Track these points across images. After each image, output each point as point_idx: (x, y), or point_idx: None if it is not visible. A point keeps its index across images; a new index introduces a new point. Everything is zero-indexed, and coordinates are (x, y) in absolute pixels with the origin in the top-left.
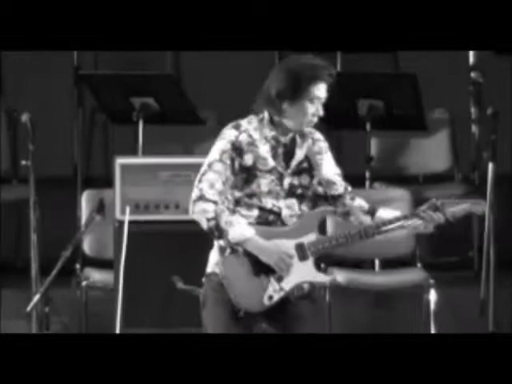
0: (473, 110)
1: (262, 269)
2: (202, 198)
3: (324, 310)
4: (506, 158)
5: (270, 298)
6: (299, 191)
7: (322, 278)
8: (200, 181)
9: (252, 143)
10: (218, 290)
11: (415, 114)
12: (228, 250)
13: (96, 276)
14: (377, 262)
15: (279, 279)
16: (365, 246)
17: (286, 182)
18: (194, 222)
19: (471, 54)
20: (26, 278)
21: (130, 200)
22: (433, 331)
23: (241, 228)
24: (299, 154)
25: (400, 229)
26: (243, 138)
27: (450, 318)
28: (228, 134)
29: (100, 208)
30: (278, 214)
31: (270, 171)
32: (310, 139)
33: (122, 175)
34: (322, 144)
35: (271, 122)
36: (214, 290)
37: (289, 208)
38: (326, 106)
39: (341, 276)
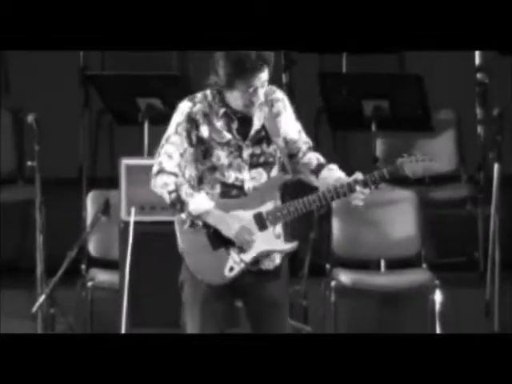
0: (478, 110)
1: (221, 241)
2: (161, 171)
3: (287, 289)
4: None
5: (231, 269)
6: (262, 159)
7: (282, 246)
8: (159, 154)
9: (207, 115)
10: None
11: (421, 115)
12: (187, 224)
13: (101, 276)
14: (382, 263)
15: (240, 250)
16: (370, 246)
17: (246, 153)
18: None
19: (477, 54)
20: (31, 279)
21: (136, 201)
22: (438, 332)
23: (201, 199)
24: (256, 124)
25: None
26: (198, 109)
27: (455, 319)
28: (183, 107)
29: (105, 209)
30: (241, 188)
31: (227, 143)
32: (267, 106)
33: (128, 176)
34: (280, 104)
35: (222, 99)
36: (187, 269)
37: (254, 179)
38: (332, 106)
39: (346, 277)
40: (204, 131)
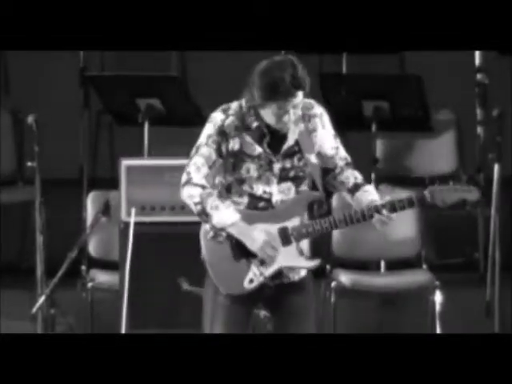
0: (478, 111)
1: (243, 252)
2: (188, 182)
3: (313, 300)
4: None
5: (251, 281)
6: (292, 173)
7: (304, 263)
8: (188, 165)
9: (239, 128)
10: None
11: (421, 116)
12: (210, 234)
13: (101, 277)
14: (382, 264)
15: (261, 263)
16: (370, 247)
17: (276, 167)
18: (199, 223)
19: (477, 55)
20: (32, 280)
21: (136, 201)
22: (438, 332)
23: (225, 213)
24: (290, 139)
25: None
26: (230, 121)
27: (455, 320)
28: (215, 118)
29: (106, 209)
30: (269, 200)
31: (258, 157)
32: (303, 122)
33: (128, 177)
34: (317, 120)
35: (256, 113)
36: (209, 277)
37: (282, 193)
38: (332, 106)
39: (346, 277)
40: (235, 144)
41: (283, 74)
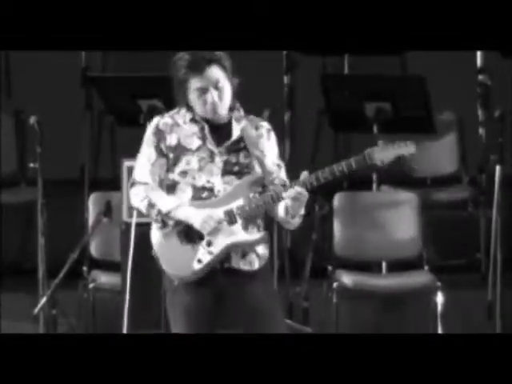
0: (480, 112)
1: (191, 237)
2: (133, 183)
3: (271, 292)
4: None
5: (199, 261)
6: (237, 168)
7: (250, 236)
8: (134, 168)
9: (175, 125)
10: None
11: (424, 117)
12: (158, 225)
13: (103, 278)
14: (384, 265)
15: (208, 244)
16: (372, 248)
17: (219, 159)
18: None
19: (479, 56)
20: (33, 281)
21: None
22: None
23: (170, 199)
24: (234, 135)
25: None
26: (165, 121)
27: (457, 320)
28: (152, 121)
29: (107, 210)
30: (211, 190)
31: (197, 149)
32: (247, 122)
33: (130, 177)
34: (264, 131)
35: (189, 108)
36: (164, 274)
37: (227, 184)
38: (334, 108)
39: (348, 278)
40: (172, 140)
41: (192, 56)
